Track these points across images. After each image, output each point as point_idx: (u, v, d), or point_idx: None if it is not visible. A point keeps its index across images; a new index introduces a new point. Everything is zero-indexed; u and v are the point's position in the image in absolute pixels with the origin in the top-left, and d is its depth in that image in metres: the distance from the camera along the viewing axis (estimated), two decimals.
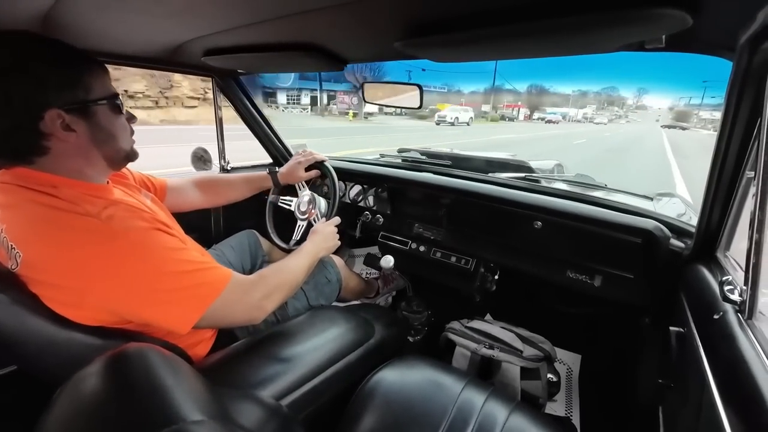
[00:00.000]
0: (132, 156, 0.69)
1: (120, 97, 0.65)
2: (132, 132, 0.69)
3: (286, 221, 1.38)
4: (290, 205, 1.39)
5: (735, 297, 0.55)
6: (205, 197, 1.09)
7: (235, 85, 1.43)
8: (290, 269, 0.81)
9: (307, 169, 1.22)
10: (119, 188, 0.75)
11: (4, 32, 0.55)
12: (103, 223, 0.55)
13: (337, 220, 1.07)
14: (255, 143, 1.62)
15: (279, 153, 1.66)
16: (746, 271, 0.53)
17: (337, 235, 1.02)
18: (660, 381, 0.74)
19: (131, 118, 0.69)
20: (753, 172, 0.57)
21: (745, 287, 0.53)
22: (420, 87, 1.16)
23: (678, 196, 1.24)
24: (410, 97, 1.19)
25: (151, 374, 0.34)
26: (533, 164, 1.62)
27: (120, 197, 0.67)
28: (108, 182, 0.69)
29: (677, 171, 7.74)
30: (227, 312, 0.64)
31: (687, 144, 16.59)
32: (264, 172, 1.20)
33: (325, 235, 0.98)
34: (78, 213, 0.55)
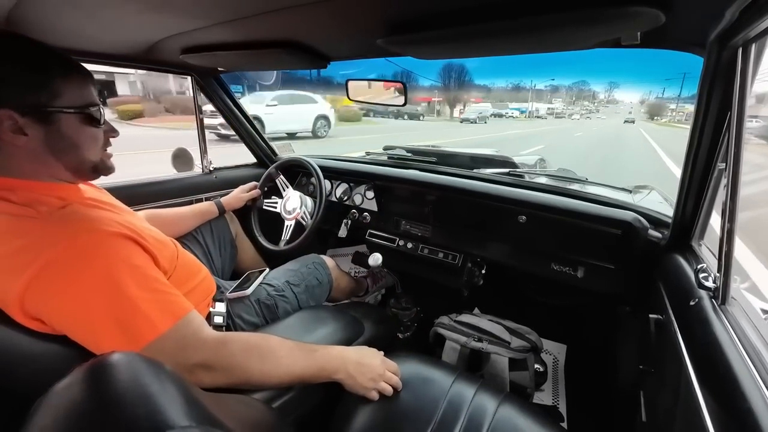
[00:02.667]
0: (102, 169, 0.64)
1: (99, 107, 0.61)
2: (107, 144, 0.65)
3: (273, 223, 1.37)
4: (276, 207, 1.38)
5: (709, 284, 0.57)
6: None
7: (216, 83, 1.40)
8: (279, 357, 0.62)
9: (287, 168, 1.25)
10: (94, 190, 0.72)
11: None
12: (52, 225, 0.52)
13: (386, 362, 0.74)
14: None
15: (263, 152, 1.64)
16: (719, 259, 0.55)
17: (383, 375, 0.71)
18: (641, 367, 0.77)
19: (111, 131, 0.65)
20: (724, 164, 0.60)
21: (718, 274, 0.55)
22: (404, 84, 1.16)
23: (655, 189, 1.29)
24: (394, 95, 1.19)
25: (135, 381, 0.33)
26: (517, 160, 1.65)
27: (84, 196, 0.64)
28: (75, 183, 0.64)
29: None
30: (156, 359, 0.44)
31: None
32: (209, 202, 1.18)
33: (368, 359, 0.71)
34: (28, 217, 0.52)
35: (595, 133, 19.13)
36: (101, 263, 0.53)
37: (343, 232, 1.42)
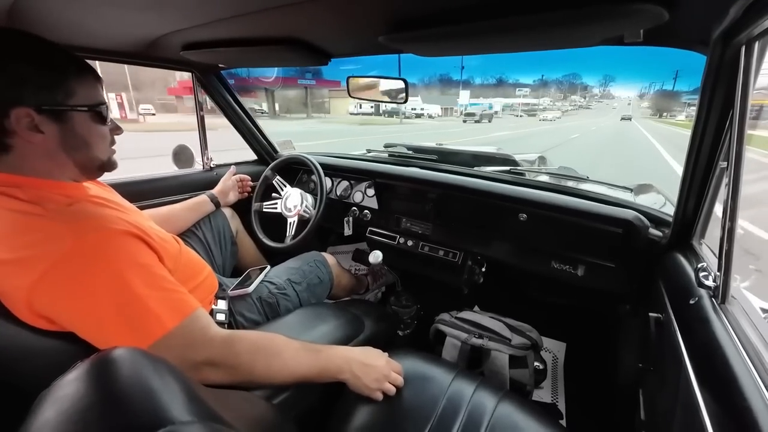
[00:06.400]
0: (108, 166, 0.66)
1: (106, 106, 0.63)
2: (113, 142, 0.67)
3: (275, 223, 1.37)
4: (276, 207, 1.38)
5: (709, 283, 0.57)
6: None
7: (216, 80, 1.40)
8: (284, 358, 0.63)
9: (286, 166, 1.31)
10: (100, 188, 0.72)
11: None
12: (61, 222, 0.53)
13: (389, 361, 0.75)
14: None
15: (263, 149, 1.64)
16: (719, 258, 0.55)
17: (388, 376, 0.71)
18: (640, 365, 0.77)
19: (116, 129, 0.67)
20: (726, 163, 0.59)
21: (718, 273, 0.55)
22: (405, 81, 1.15)
23: (656, 187, 1.28)
24: (396, 92, 1.18)
25: (137, 377, 0.33)
26: (518, 158, 1.64)
27: (91, 194, 0.64)
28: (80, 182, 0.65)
29: None
30: (163, 356, 0.43)
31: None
32: (202, 195, 1.18)
33: (373, 360, 0.72)
34: (36, 214, 0.53)
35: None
36: (109, 262, 0.53)
37: (347, 230, 1.42)
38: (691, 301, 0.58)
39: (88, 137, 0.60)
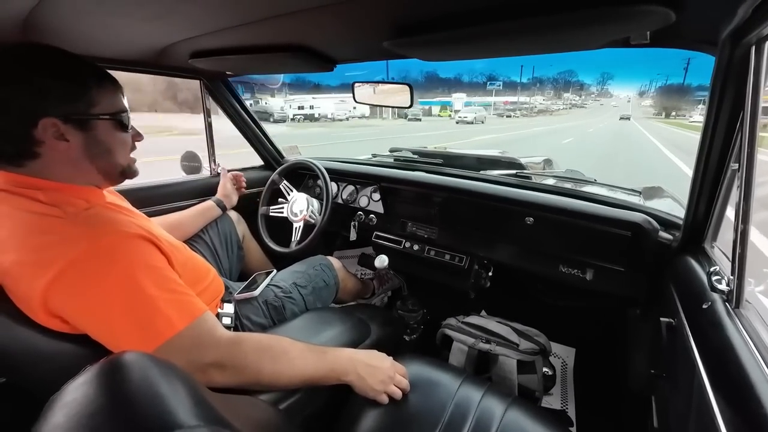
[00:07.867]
0: (128, 172, 0.68)
1: (127, 113, 0.65)
2: (133, 149, 0.69)
3: (281, 227, 1.38)
4: (282, 212, 1.39)
5: (722, 287, 0.56)
6: None
7: (224, 87, 1.42)
8: (291, 359, 0.64)
9: (293, 171, 1.38)
10: (114, 196, 0.74)
11: (20, 45, 0.57)
12: (78, 225, 0.54)
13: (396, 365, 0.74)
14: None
15: (270, 155, 1.65)
16: (733, 261, 0.54)
17: (393, 378, 0.71)
18: (652, 371, 0.75)
19: (137, 136, 0.69)
20: (737, 165, 0.58)
21: (732, 277, 0.54)
22: (410, 86, 1.16)
23: (665, 190, 1.27)
24: (400, 97, 1.19)
25: (145, 381, 0.33)
26: (524, 161, 1.64)
27: (107, 201, 0.66)
28: (100, 187, 0.67)
29: None
30: (171, 357, 0.49)
31: None
32: (208, 201, 1.20)
33: (378, 362, 0.72)
34: (55, 216, 0.55)
35: None
36: (122, 263, 0.54)
37: (353, 235, 1.42)
38: (704, 306, 0.57)
39: (110, 144, 0.63)
